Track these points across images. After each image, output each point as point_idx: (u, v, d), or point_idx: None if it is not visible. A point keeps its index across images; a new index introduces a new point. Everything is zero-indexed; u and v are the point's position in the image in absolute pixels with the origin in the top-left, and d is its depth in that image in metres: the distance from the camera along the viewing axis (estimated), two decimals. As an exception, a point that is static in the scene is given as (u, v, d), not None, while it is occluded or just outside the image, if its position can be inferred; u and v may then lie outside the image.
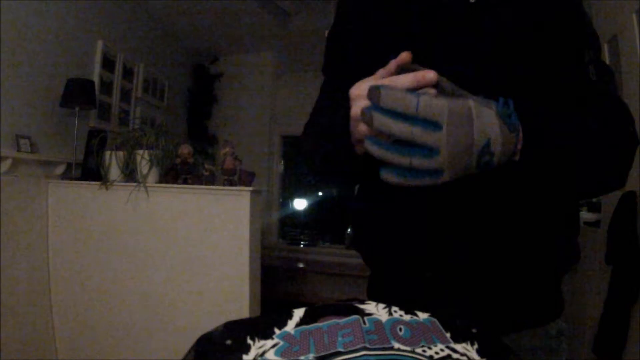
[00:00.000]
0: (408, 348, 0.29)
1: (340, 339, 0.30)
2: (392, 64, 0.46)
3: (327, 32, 0.74)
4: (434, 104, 0.38)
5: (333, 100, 0.63)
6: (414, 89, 0.42)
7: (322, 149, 0.61)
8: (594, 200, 2.35)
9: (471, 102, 0.40)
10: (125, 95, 2.87)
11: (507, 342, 0.55)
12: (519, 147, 0.45)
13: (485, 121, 0.40)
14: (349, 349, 0.29)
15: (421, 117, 0.37)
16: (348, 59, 0.65)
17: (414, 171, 0.39)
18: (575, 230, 0.62)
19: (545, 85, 0.54)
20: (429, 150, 0.38)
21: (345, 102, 0.50)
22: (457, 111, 0.39)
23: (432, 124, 0.38)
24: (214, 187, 1.93)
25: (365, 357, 0.28)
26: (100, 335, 2.00)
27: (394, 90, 0.39)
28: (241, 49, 3.97)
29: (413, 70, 0.44)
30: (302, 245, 4.15)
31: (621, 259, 1.79)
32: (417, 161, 0.38)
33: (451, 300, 0.56)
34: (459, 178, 0.41)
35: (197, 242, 1.89)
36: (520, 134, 0.44)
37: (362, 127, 0.45)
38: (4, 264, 1.83)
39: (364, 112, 0.40)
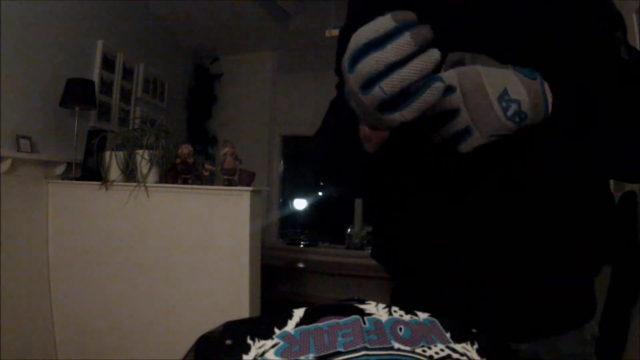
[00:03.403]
0: (408, 348, 0.29)
1: (340, 339, 0.29)
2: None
3: (326, 32, 0.74)
4: (444, 76, 0.39)
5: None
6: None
7: (329, 147, 0.60)
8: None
9: (478, 67, 0.42)
10: (125, 95, 2.87)
11: (547, 349, 0.55)
12: (549, 97, 0.44)
13: (495, 74, 0.41)
14: (349, 349, 0.29)
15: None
16: None
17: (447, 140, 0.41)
18: (610, 227, 0.59)
19: (575, 68, 0.51)
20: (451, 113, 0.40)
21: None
22: (466, 73, 0.40)
23: (447, 91, 0.39)
24: (214, 187, 1.93)
25: (365, 357, 0.28)
26: (100, 335, 2.00)
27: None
28: (241, 49, 3.97)
29: None
30: (302, 245, 4.15)
31: (621, 259, 1.79)
32: (445, 130, 0.40)
33: (487, 307, 0.54)
34: (495, 145, 0.41)
35: (197, 242, 1.89)
36: (546, 84, 0.44)
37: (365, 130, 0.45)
38: (4, 264, 1.83)
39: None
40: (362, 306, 0.34)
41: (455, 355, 0.29)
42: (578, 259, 0.55)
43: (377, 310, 0.34)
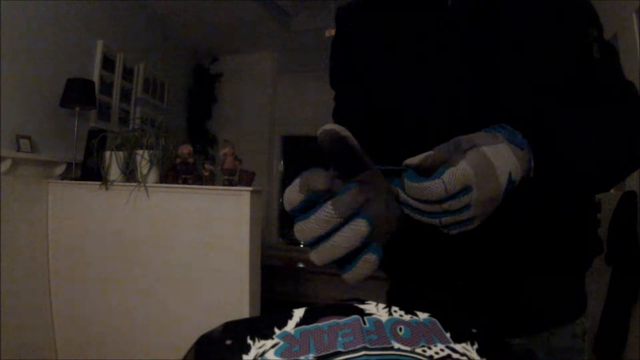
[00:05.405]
0: (408, 348, 0.29)
1: (340, 338, 0.29)
2: None
3: (326, 32, 0.75)
4: (458, 175, 0.36)
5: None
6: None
7: None
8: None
9: (484, 149, 0.39)
10: (125, 95, 2.87)
11: (540, 343, 0.56)
12: (532, 163, 0.44)
13: (503, 157, 0.39)
14: (349, 349, 0.28)
15: (453, 193, 0.35)
16: (353, 72, 0.65)
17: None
18: (595, 223, 0.62)
19: (550, 73, 0.52)
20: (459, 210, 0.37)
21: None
22: (479, 165, 0.37)
23: (463, 191, 0.36)
24: (214, 187, 1.93)
25: (365, 357, 0.28)
26: (100, 335, 2.00)
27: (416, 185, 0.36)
28: (241, 49, 3.97)
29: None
30: (302, 245, 4.15)
31: (621, 259, 1.79)
32: (447, 220, 0.38)
33: (481, 303, 0.56)
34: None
35: (197, 242, 1.89)
36: (530, 151, 0.43)
37: None
38: (4, 264, 1.83)
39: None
40: (362, 306, 0.34)
41: (455, 355, 0.29)
42: (567, 257, 0.57)
43: (377, 310, 0.34)
